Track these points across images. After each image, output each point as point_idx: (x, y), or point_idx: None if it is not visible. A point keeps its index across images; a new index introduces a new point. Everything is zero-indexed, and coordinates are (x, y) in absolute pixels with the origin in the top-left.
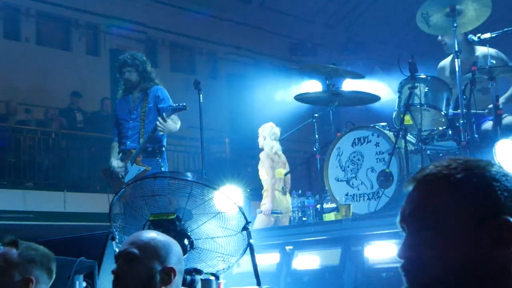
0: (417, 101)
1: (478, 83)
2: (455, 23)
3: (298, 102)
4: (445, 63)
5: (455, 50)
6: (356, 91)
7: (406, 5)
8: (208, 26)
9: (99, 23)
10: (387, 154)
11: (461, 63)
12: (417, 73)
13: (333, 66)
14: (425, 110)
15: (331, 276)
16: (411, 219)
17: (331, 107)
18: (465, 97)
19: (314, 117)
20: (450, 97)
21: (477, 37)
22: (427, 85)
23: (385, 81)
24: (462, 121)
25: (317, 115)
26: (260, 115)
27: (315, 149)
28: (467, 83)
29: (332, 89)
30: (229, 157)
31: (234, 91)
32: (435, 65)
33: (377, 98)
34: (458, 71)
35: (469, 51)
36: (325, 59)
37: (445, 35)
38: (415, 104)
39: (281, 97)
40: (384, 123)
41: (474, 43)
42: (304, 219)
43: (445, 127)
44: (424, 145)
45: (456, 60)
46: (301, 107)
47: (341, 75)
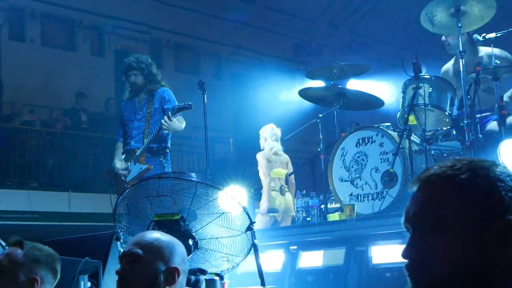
0: (421, 101)
1: (482, 83)
2: (460, 23)
3: (302, 102)
4: (448, 66)
5: (459, 50)
6: (360, 91)
7: (409, 5)
8: (212, 26)
9: (103, 24)
10: (391, 154)
11: (465, 64)
12: (421, 73)
13: (340, 63)
14: (429, 110)
15: (335, 276)
16: (415, 220)
17: (336, 107)
18: (469, 97)
19: (318, 118)
20: (454, 97)
21: (482, 37)
22: (431, 85)
23: (388, 81)
24: (466, 121)
25: (321, 116)
26: (264, 115)
27: (319, 149)
28: (472, 83)
29: (336, 87)
30: (233, 157)
31: (238, 91)
32: (439, 65)
33: (381, 103)
34: (462, 71)
35: (473, 51)
36: (329, 59)
37: (448, 36)
38: (419, 104)
39: (285, 97)
40: (388, 123)
41: (478, 43)
42: (308, 219)
43: (449, 127)
44: (428, 145)
45: (460, 60)
46: (306, 108)
47: (347, 73)
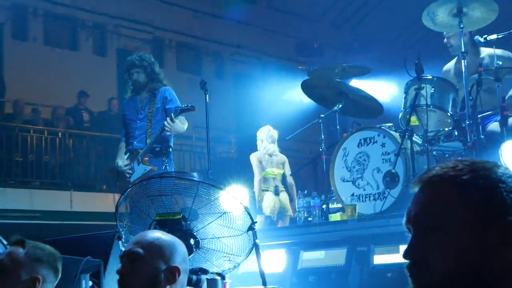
0: (423, 102)
1: (484, 84)
2: (462, 24)
3: (304, 102)
4: (450, 66)
5: (461, 51)
6: (362, 90)
7: (412, 5)
8: (214, 26)
9: (106, 23)
10: (393, 154)
11: (467, 64)
12: (423, 74)
13: (340, 66)
14: (431, 111)
15: (337, 276)
16: (417, 220)
17: (338, 107)
18: (471, 98)
19: (320, 118)
20: (456, 98)
21: (484, 38)
22: (433, 86)
23: (390, 81)
24: (468, 122)
25: (323, 116)
26: (266, 115)
27: (321, 150)
28: (473, 84)
29: (338, 84)
30: (235, 157)
31: (240, 91)
32: (441, 66)
33: (381, 110)
34: (464, 71)
35: (475, 52)
36: (331, 59)
37: (451, 37)
38: (421, 105)
39: (287, 97)
40: (390, 124)
41: (480, 44)
42: (310, 219)
43: (451, 128)
44: (430, 146)
45: (462, 61)
46: (307, 108)
47: (349, 74)
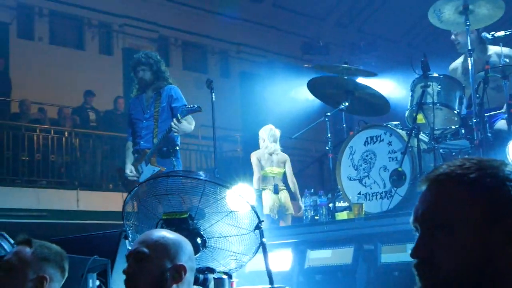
0: (429, 100)
1: (491, 82)
2: (468, 22)
3: (310, 101)
4: (457, 63)
5: (468, 48)
6: (368, 87)
7: (417, 3)
8: (220, 25)
9: (112, 22)
10: (399, 153)
11: (474, 62)
12: (429, 72)
13: (346, 65)
14: (437, 109)
15: (344, 275)
16: (424, 219)
17: (344, 106)
18: (478, 96)
19: (326, 116)
20: (463, 95)
21: (491, 35)
22: (439, 84)
23: (396, 79)
24: (475, 120)
25: (329, 114)
26: (272, 113)
27: (327, 148)
28: (480, 82)
29: (345, 81)
30: (241, 155)
31: (246, 90)
32: (447, 64)
33: (387, 108)
34: (471, 69)
35: (482, 50)
36: (336, 58)
37: (458, 34)
38: (428, 103)
39: (293, 96)
40: (396, 122)
41: (487, 41)
42: (316, 217)
43: (458, 126)
44: (436, 144)
45: (469, 58)
46: (313, 106)
47: (354, 73)
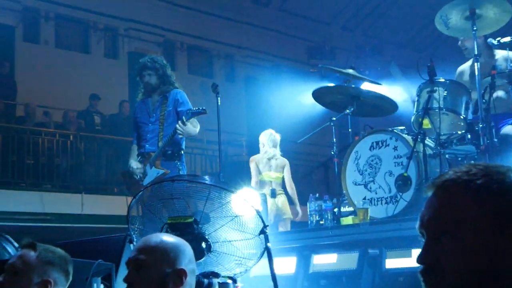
0: (435, 105)
1: (498, 87)
2: (475, 27)
3: (315, 105)
4: (465, 66)
5: (474, 54)
6: (374, 92)
7: (424, 8)
8: (225, 29)
9: (117, 26)
10: (405, 158)
11: (481, 67)
12: (435, 77)
13: (352, 70)
14: (443, 114)
15: (349, 280)
16: (430, 225)
17: (350, 110)
18: (484, 101)
19: (332, 121)
20: (469, 101)
21: (497, 41)
22: (446, 89)
23: (402, 84)
24: (481, 125)
25: (335, 119)
26: (277, 118)
27: (332, 153)
28: (487, 87)
29: (351, 89)
30: (246, 160)
31: (251, 94)
32: (454, 69)
33: (395, 107)
34: (477, 74)
35: (489, 55)
36: (343, 62)
37: (465, 40)
38: (434, 108)
39: (298, 100)
40: (402, 127)
41: (493, 47)
42: (321, 222)
43: (464, 131)
44: (442, 149)
45: (475, 64)
46: (319, 111)
47: (359, 79)
